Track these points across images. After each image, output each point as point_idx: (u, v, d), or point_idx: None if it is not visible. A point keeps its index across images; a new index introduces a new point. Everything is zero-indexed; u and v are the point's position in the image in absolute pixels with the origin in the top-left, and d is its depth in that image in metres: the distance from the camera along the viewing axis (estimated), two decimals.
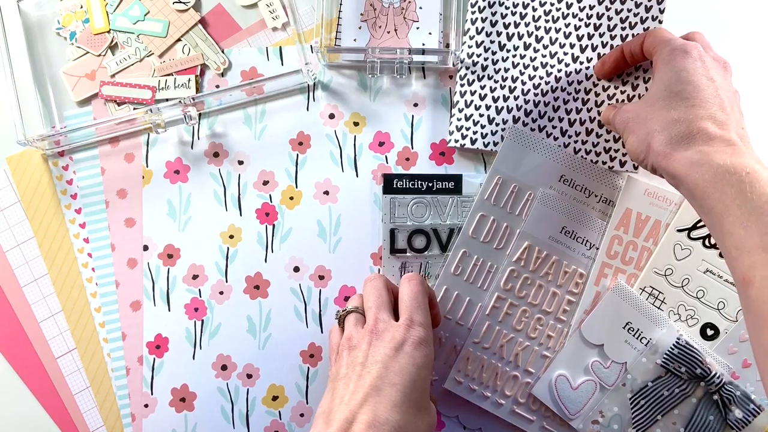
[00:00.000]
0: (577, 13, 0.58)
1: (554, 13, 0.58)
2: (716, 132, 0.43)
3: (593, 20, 0.57)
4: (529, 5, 0.58)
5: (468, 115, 0.58)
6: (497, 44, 0.58)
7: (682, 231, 0.56)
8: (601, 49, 0.57)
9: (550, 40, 0.58)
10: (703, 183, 0.42)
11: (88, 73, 0.59)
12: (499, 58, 0.58)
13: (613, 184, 0.57)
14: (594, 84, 0.57)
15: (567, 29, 0.58)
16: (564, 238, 0.56)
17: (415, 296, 0.49)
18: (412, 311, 0.48)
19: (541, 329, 0.56)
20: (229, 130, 0.59)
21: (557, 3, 0.58)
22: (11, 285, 0.59)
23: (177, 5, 0.60)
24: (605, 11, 0.57)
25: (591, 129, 0.57)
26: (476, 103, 0.58)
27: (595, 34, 0.57)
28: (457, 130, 0.58)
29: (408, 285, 0.50)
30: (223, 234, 0.59)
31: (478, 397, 0.56)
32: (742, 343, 0.55)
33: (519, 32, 0.58)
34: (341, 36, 0.59)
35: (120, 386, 0.58)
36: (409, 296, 0.49)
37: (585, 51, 0.58)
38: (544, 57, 0.58)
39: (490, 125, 0.57)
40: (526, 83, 0.57)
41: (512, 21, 0.58)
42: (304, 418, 0.58)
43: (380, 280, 0.51)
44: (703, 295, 0.56)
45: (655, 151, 0.45)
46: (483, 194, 0.57)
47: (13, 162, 0.59)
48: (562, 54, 0.58)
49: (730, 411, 0.54)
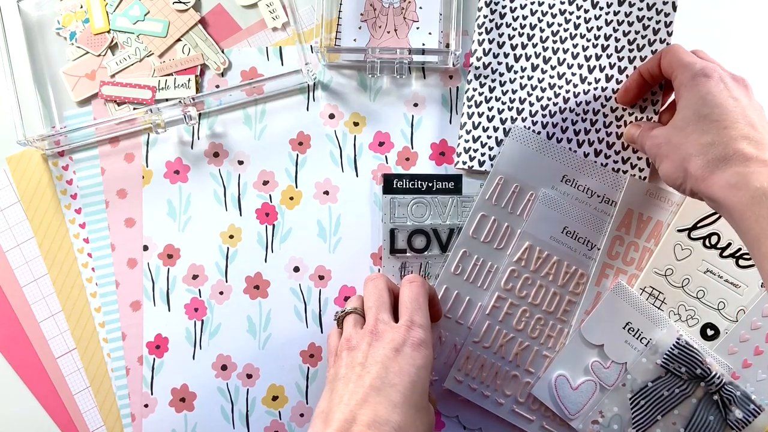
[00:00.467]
0: (585, 34, 0.57)
1: (562, 34, 0.57)
2: (752, 152, 0.43)
3: (601, 41, 0.57)
4: (536, 26, 0.58)
5: (476, 137, 0.57)
6: (504, 65, 0.58)
7: (682, 231, 0.56)
8: (609, 71, 0.57)
9: (558, 61, 0.57)
10: (740, 206, 0.42)
11: (88, 73, 0.59)
12: (506, 80, 0.58)
13: (615, 184, 0.57)
14: (602, 105, 0.57)
15: (575, 50, 0.57)
16: (565, 238, 0.56)
17: (416, 298, 0.49)
18: (412, 313, 0.48)
19: (541, 329, 0.56)
20: (229, 130, 0.59)
21: (565, 24, 0.57)
22: (11, 285, 0.59)
23: (177, 5, 0.60)
24: (613, 32, 0.57)
25: (600, 150, 0.57)
26: (484, 124, 0.57)
27: (603, 55, 0.57)
28: (465, 152, 0.58)
29: (409, 287, 0.50)
30: (223, 234, 0.59)
31: (478, 396, 0.56)
32: (742, 343, 0.55)
33: (527, 53, 0.58)
34: (341, 36, 0.58)
35: (120, 386, 0.58)
36: (410, 298, 0.49)
37: (593, 72, 0.57)
38: (552, 78, 0.57)
39: (498, 147, 0.57)
40: (534, 104, 0.57)
41: (519, 42, 0.58)
42: (304, 418, 0.58)
43: (381, 279, 0.51)
44: (703, 295, 0.56)
45: (693, 176, 0.45)
46: (484, 194, 0.57)
47: (13, 162, 0.59)
48: (570, 75, 0.57)
49: (731, 411, 0.54)
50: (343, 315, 0.51)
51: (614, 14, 0.57)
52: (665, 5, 0.57)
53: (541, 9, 0.58)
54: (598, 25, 0.57)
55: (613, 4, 0.57)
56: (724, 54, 0.53)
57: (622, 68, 0.57)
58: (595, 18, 0.57)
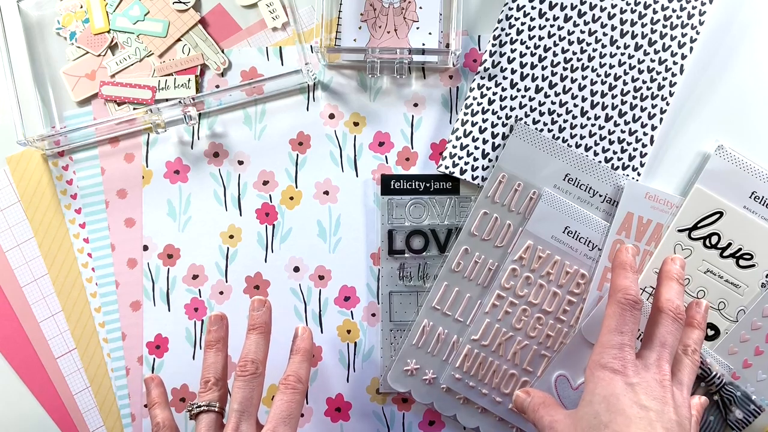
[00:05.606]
0: (597, 69, 0.57)
1: (574, 63, 0.57)
2: None
3: (609, 80, 0.57)
4: (550, 50, 0.57)
5: (464, 145, 0.57)
6: (509, 81, 0.57)
7: (682, 231, 0.56)
8: (610, 111, 0.57)
9: (563, 89, 0.57)
10: None
11: (88, 73, 0.60)
12: (507, 96, 0.57)
13: (616, 184, 0.56)
14: (596, 143, 0.57)
15: (583, 82, 0.57)
16: (566, 238, 0.56)
17: (288, 409, 0.47)
18: (276, 425, 0.46)
19: (540, 328, 0.56)
20: (229, 130, 0.59)
21: (579, 53, 0.57)
22: (11, 285, 0.59)
23: (177, 5, 0.60)
24: (623, 75, 0.57)
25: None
26: (474, 134, 0.57)
27: (608, 94, 0.57)
28: (449, 157, 0.57)
29: (284, 394, 0.47)
30: (223, 234, 0.59)
31: (476, 394, 0.56)
32: (742, 343, 0.55)
33: (533, 74, 0.57)
34: (341, 36, 0.58)
35: (120, 386, 0.58)
36: (281, 407, 0.47)
37: (594, 108, 0.57)
38: (554, 105, 0.57)
39: (482, 159, 0.57)
40: (529, 126, 0.57)
41: (529, 62, 0.57)
42: (303, 418, 0.58)
43: (257, 379, 0.48)
44: (703, 295, 0.56)
45: None
46: (486, 192, 0.57)
47: (13, 162, 0.59)
48: (571, 105, 0.57)
49: (731, 411, 0.54)
50: (196, 411, 0.48)
51: (629, 57, 0.57)
52: (675, 65, 0.57)
53: (558, 33, 0.57)
54: (611, 63, 0.57)
55: (630, 47, 0.57)
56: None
57: (622, 112, 0.57)
58: (610, 55, 0.57)
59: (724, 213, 0.55)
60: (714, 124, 0.58)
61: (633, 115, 0.57)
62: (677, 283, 0.49)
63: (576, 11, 0.57)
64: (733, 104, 0.58)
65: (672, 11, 0.57)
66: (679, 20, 0.57)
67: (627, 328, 0.46)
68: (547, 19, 0.57)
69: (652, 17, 0.57)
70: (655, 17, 0.57)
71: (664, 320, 0.47)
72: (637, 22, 0.57)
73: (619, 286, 0.48)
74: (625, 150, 0.57)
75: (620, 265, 0.49)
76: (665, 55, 0.57)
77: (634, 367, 0.45)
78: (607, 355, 0.46)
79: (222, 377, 0.50)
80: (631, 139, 0.57)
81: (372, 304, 0.58)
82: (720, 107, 0.58)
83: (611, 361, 0.45)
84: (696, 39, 0.57)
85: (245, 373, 0.48)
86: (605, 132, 0.57)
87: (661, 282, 0.50)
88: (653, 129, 0.57)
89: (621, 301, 0.47)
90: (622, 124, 0.57)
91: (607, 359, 0.46)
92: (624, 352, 0.46)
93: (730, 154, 0.56)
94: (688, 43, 0.57)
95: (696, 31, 0.57)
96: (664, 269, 0.50)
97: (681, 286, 0.50)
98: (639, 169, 0.57)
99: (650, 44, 0.57)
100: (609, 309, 0.48)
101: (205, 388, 0.49)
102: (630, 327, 0.46)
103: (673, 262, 0.51)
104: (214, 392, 0.49)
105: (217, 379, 0.49)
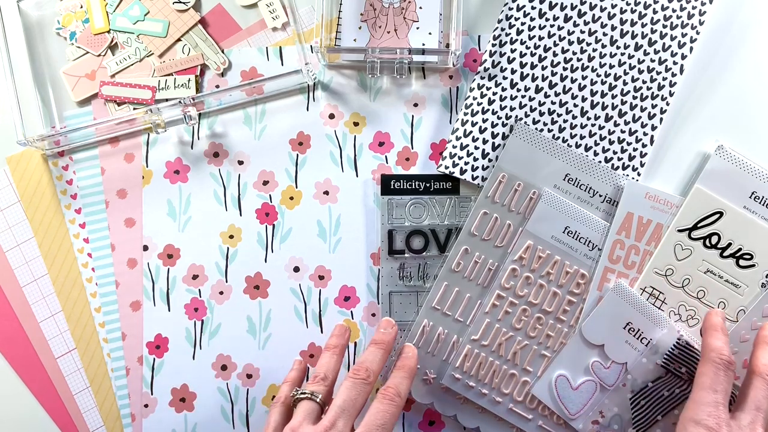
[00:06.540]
0: (597, 69, 0.57)
1: (574, 63, 0.57)
2: None
3: (609, 80, 0.57)
4: (550, 50, 0.57)
5: (463, 145, 0.57)
6: (509, 81, 0.57)
7: (682, 231, 0.56)
8: (610, 111, 0.57)
9: (563, 89, 0.57)
10: None
11: (88, 73, 0.60)
12: (507, 96, 0.57)
13: (616, 184, 0.56)
14: (596, 143, 0.57)
15: (583, 81, 0.57)
16: (566, 238, 0.56)
17: (383, 418, 0.47)
18: (369, 430, 0.46)
19: (540, 328, 0.56)
20: (229, 130, 0.59)
21: (579, 53, 0.57)
22: (11, 285, 0.59)
23: (177, 5, 0.60)
24: (623, 75, 0.57)
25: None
26: (474, 134, 0.57)
27: (608, 94, 0.57)
28: (449, 157, 0.57)
29: (381, 403, 0.48)
30: (223, 234, 0.59)
31: (475, 394, 0.56)
32: (742, 343, 0.55)
33: (533, 74, 0.57)
34: (341, 36, 0.58)
35: (120, 386, 0.58)
36: (377, 415, 0.47)
37: (594, 108, 0.57)
38: (554, 105, 0.57)
39: (482, 159, 0.57)
40: (529, 126, 0.57)
41: (529, 62, 0.57)
42: None
43: (367, 385, 0.48)
44: (703, 295, 0.56)
45: None
46: (486, 192, 0.57)
47: (13, 162, 0.59)
48: (571, 105, 0.57)
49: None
50: (298, 398, 0.49)
51: (629, 57, 0.57)
52: (675, 65, 0.57)
53: (558, 33, 0.57)
54: (611, 63, 0.57)
55: (630, 47, 0.57)
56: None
57: (622, 112, 0.57)
58: (610, 55, 0.57)
59: (724, 213, 0.55)
60: (714, 124, 0.58)
61: (633, 115, 0.57)
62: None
63: (576, 11, 0.57)
64: (733, 104, 0.58)
65: (672, 11, 0.57)
66: (679, 20, 0.57)
67: (721, 387, 0.47)
68: (547, 19, 0.57)
69: (652, 17, 0.57)
70: (655, 17, 0.57)
71: (759, 384, 0.48)
72: (637, 22, 0.57)
73: (713, 346, 0.49)
74: (625, 150, 0.57)
75: (712, 326, 0.51)
76: (665, 55, 0.57)
77: (728, 427, 0.46)
78: (702, 412, 0.47)
79: (331, 378, 0.51)
80: (631, 139, 0.57)
81: (372, 304, 0.58)
82: (720, 107, 0.58)
83: (706, 419, 0.46)
84: (696, 39, 0.57)
85: (357, 376, 0.49)
86: (605, 132, 0.57)
87: (758, 345, 0.51)
88: (653, 129, 0.57)
89: (716, 361, 0.48)
90: (622, 124, 0.57)
91: (702, 416, 0.46)
92: (719, 410, 0.47)
93: (730, 154, 0.56)
94: (688, 43, 0.57)
95: (696, 31, 0.57)
96: (762, 334, 0.52)
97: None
98: (639, 169, 0.57)
99: (650, 44, 0.57)
100: (702, 368, 0.49)
101: (313, 381, 0.50)
102: (724, 387, 0.48)
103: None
104: (320, 386, 0.50)
105: (326, 376, 0.51)
